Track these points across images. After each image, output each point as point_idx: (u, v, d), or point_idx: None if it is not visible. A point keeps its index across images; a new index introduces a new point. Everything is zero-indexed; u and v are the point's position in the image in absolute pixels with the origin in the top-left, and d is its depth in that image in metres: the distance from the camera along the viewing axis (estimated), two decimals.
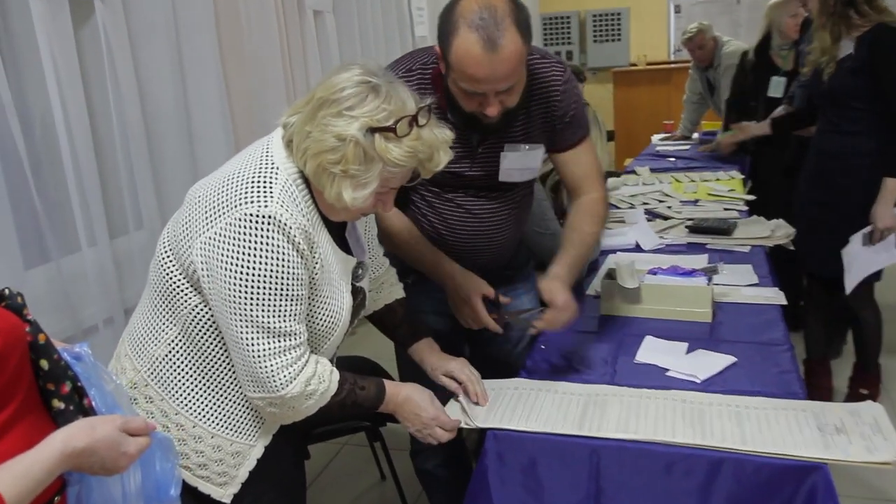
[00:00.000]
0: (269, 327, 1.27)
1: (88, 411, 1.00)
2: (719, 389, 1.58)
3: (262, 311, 1.26)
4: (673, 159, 4.33)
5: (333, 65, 3.35)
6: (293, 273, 1.27)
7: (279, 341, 1.29)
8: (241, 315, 1.27)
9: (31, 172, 2.03)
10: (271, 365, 1.29)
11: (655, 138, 5.18)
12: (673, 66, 6.97)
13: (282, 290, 1.27)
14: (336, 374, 1.39)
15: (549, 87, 1.70)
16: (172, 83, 2.62)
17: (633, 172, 3.96)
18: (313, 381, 1.33)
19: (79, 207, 2.20)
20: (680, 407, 1.51)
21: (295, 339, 1.31)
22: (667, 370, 1.68)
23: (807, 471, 1.31)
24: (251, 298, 1.26)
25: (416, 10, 4.72)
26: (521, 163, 1.76)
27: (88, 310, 2.24)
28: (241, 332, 1.28)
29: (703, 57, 4.62)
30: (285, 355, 1.30)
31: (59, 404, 0.97)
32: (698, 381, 1.62)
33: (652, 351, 1.78)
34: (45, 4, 2.08)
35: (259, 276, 1.25)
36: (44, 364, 0.97)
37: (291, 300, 1.28)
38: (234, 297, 1.26)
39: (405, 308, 1.71)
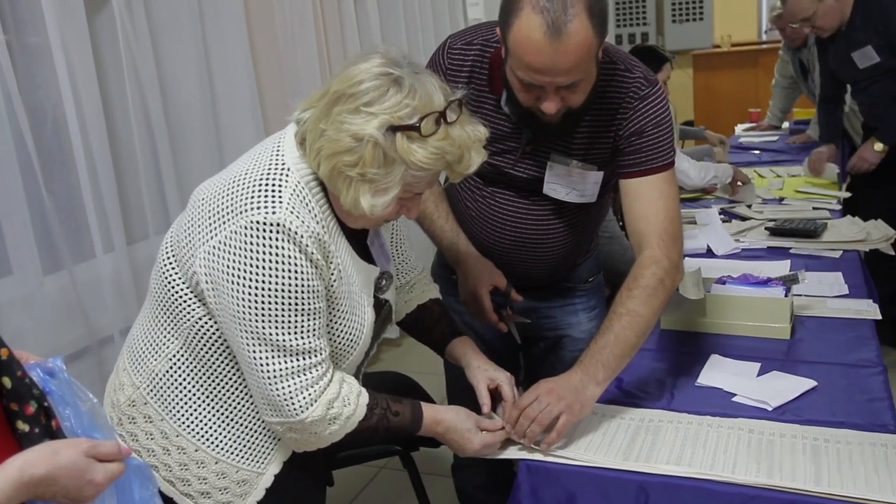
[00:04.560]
0: (282, 345, 1.25)
1: (56, 434, 0.98)
2: (794, 419, 1.49)
3: (274, 328, 1.24)
4: (758, 152, 4.20)
5: None
6: (307, 285, 1.24)
7: (295, 360, 1.27)
8: (251, 332, 1.25)
9: (42, 172, 2.08)
10: (287, 387, 1.27)
11: (739, 128, 5.03)
12: (761, 46, 6.75)
13: (295, 304, 1.24)
14: (364, 397, 1.36)
15: (622, 101, 1.60)
16: (197, 74, 2.65)
17: None
18: (336, 403, 1.31)
19: (94, 211, 2.25)
20: (745, 438, 1.43)
21: (313, 357, 1.28)
22: (733, 395, 1.60)
23: None
24: (261, 314, 1.24)
25: None
26: (567, 180, 1.68)
27: (104, 319, 2.29)
28: (253, 352, 1.26)
29: (795, 36, 4.44)
30: (303, 375, 1.28)
31: (23, 426, 0.96)
32: (770, 409, 1.53)
33: (717, 372, 1.69)
34: None
35: (268, 290, 1.23)
36: (6, 382, 0.96)
37: (306, 315, 1.26)
38: (243, 313, 1.24)
39: (442, 307, 1.68)
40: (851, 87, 3.60)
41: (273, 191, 1.24)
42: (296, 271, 1.23)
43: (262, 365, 1.26)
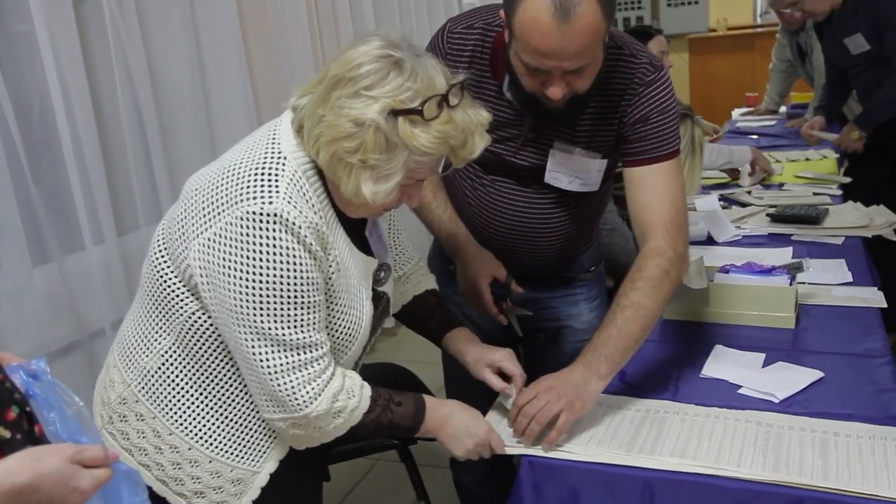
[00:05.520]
0: (283, 340, 1.22)
1: (39, 439, 0.94)
2: (802, 411, 1.46)
3: (274, 322, 1.21)
4: (755, 137, 4.17)
5: None
6: (306, 277, 1.21)
7: (297, 354, 1.24)
8: (249, 327, 1.22)
9: (28, 163, 2.04)
10: (290, 381, 1.24)
11: (736, 113, 5.00)
12: (757, 30, 6.72)
13: (294, 297, 1.21)
14: (367, 389, 1.33)
15: (627, 86, 1.57)
16: (188, 61, 2.61)
17: None
18: (341, 396, 1.28)
19: (82, 201, 2.21)
20: (752, 430, 1.40)
21: (315, 350, 1.25)
22: (739, 387, 1.57)
23: None
24: (259, 308, 1.20)
25: None
26: (569, 168, 1.64)
27: (94, 313, 2.25)
28: (252, 347, 1.23)
29: (792, 19, 4.39)
30: (305, 370, 1.25)
31: (4, 433, 0.92)
32: (776, 401, 1.50)
33: (721, 363, 1.67)
34: None
35: (266, 282, 1.19)
36: None
37: (306, 308, 1.23)
38: (240, 307, 1.21)
39: (438, 298, 1.65)
40: (849, 73, 3.58)
41: (269, 180, 1.20)
42: (294, 263, 1.20)
43: (262, 361, 1.23)
